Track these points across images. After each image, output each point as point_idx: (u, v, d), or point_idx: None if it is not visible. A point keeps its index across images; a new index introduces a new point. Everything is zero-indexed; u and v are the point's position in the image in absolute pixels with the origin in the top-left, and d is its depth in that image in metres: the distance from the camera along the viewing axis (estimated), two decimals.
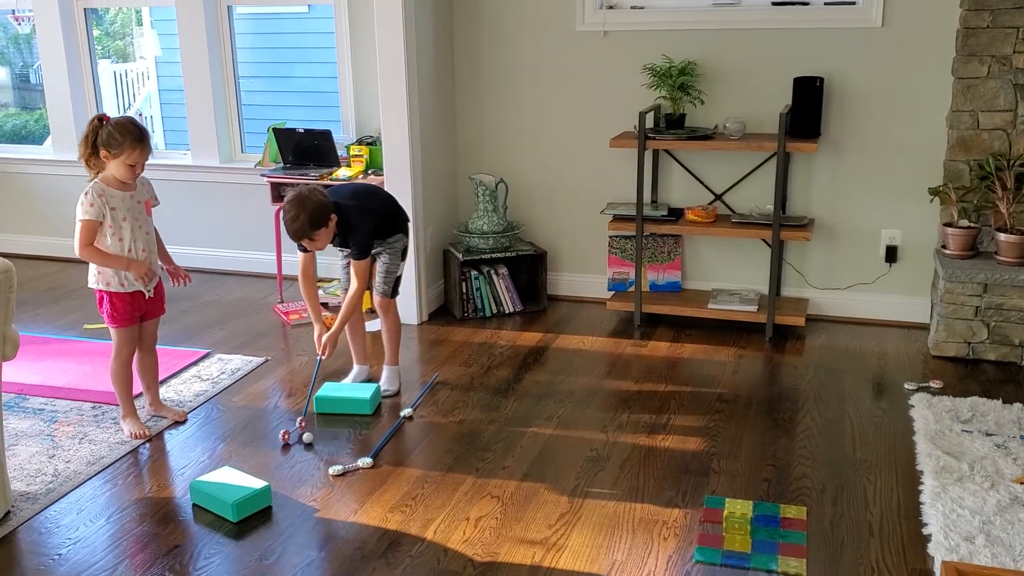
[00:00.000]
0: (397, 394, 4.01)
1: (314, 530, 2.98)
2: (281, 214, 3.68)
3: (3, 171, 6.23)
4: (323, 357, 3.85)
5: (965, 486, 3.08)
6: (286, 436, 3.60)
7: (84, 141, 3.45)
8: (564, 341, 4.60)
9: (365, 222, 3.76)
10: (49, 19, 5.82)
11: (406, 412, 3.79)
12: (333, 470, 3.34)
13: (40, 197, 6.18)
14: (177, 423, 3.77)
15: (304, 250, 3.78)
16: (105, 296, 3.56)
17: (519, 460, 3.41)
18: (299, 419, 3.69)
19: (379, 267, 3.96)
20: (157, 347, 3.77)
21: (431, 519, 3.02)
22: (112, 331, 3.61)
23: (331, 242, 3.76)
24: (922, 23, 4.37)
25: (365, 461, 3.40)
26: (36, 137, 7.47)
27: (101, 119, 3.44)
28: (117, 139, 3.40)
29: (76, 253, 3.50)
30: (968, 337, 4.20)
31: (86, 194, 3.47)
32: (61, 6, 5.79)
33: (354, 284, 3.80)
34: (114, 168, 3.46)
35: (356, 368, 4.17)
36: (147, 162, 3.51)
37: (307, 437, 3.58)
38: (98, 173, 3.50)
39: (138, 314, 3.62)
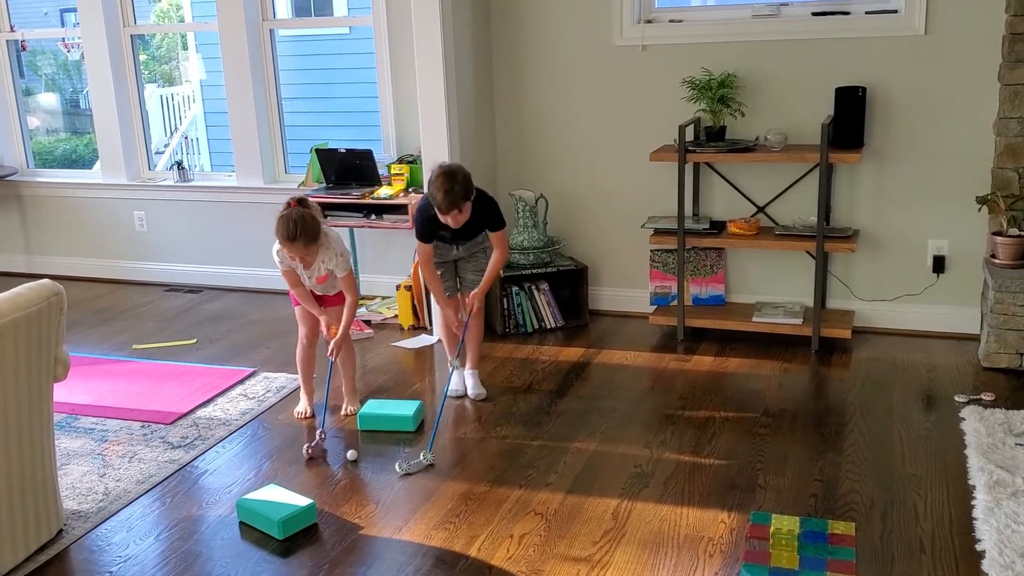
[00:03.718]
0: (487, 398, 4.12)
1: (359, 547, 2.99)
2: (428, 187, 3.80)
3: (54, 195, 6.36)
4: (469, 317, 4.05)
5: (1020, 501, 3.01)
6: (310, 451, 3.63)
7: None
8: (606, 356, 4.58)
9: (492, 199, 3.99)
10: (97, 46, 5.94)
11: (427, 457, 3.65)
12: (399, 468, 3.45)
13: (89, 220, 6.31)
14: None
15: (428, 241, 3.96)
16: None
17: (563, 476, 3.40)
18: (319, 431, 3.74)
19: (472, 268, 4.11)
20: (203, 366, 3.81)
21: (475, 536, 3.02)
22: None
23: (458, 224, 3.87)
24: (966, 30, 4.31)
25: (426, 456, 3.50)
26: (86, 161, 7.63)
27: (288, 204, 3.71)
28: (275, 230, 3.69)
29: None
30: (1020, 348, 4.11)
31: (276, 250, 3.84)
32: (109, 33, 5.91)
33: (498, 252, 3.99)
34: None
35: (455, 374, 4.18)
36: (307, 253, 3.72)
37: (351, 455, 3.60)
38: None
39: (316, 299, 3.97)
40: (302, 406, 4.05)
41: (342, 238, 3.96)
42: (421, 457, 3.53)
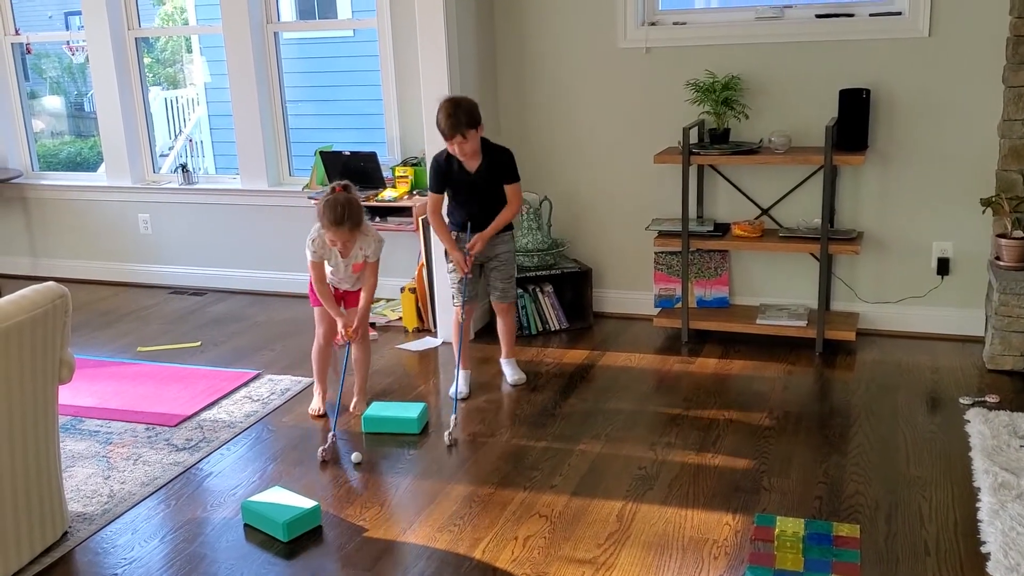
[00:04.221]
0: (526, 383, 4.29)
1: (363, 550, 3.00)
2: (437, 114, 3.90)
3: (59, 197, 6.38)
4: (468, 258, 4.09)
5: None
6: (325, 454, 3.63)
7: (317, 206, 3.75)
8: (611, 358, 4.58)
9: (508, 151, 4.11)
10: (102, 48, 5.96)
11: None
12: (448, 438, 3.72)
13: (94, 223, 6.32)
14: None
15: (439, 191, 4.08)
16: None
17: (567, 478, 3.40)
18: (331, 433, 3.75)
19: (498, 275, 4.19)
20: (208, 368, 3.82)
21: (479, 538, 3.02)
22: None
23: (476, 166, 4.01)
24: (970, 32, 4.31)
25: (452, 419, 3.86)
26: (90, 164, 7.65)
27: (333, 189, 3.69)
28: (321, 214, 3.66)
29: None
30: None
31: (311, 239, 3.80)
32: (113, 36, 5.93)
33: (512, 206, 4.08)
34: None
35: (463, 375, 4.21)
36: (351, 238, 3.73)
37: (355, 457, 3.61)
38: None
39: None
40: (315, 404, 4.06)
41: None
42: (452, 423, 3.80)
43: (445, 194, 4.13)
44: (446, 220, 4.16)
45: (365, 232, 3.80)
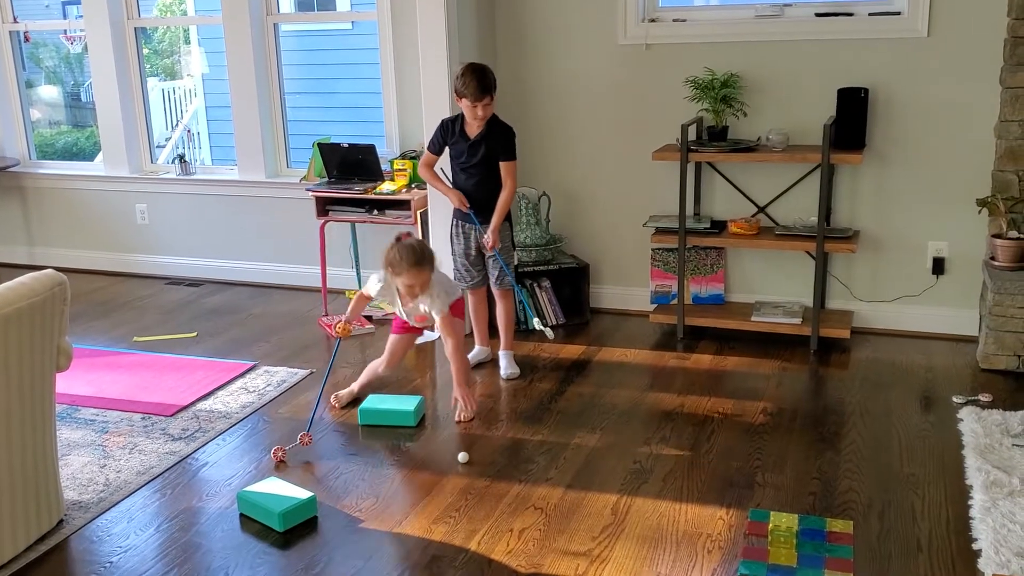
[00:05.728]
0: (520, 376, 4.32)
1: (359, 541, 3.01)
2: (461, 77, 4.05)
3: (56, 187, 6.37)
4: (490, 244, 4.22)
5: (1016, 501, 3.03)
6: (280, 453, 3.55)
7: (384, 256, 3.74)
8: (607, 354, 4.59)
9: (511, 128, 4.22)
10: (100, 38, 5.95)
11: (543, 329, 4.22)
12: (537, 324, 4.20)
13: (91, 212, 6.31)
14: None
15: (437, 151, 4.26)
16: None
17: (562, 472, 3.41)
18: (301, 433, 3.68)
19: (494, 264, 4.31)
20: (204, 359, 3.82)
21: (475, 530, 3.04)
22: None
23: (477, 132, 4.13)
24: (969, 32, 4.32)
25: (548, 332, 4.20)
26: (87, 154, 7.64)
27: (399, 238, 3.71)
28: (396, 260, 3.69)
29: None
30: (1018, 350, 4.13)
31: (381, 281, 3.84)
32: (112, 25, 5.92)
33: (507, 187, 4.19)
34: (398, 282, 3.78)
35: (477, 348, 4.47)
36: (427, 282, 3.75)
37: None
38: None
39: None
40: (346, 390, 4.09)
41: (448, 279, 4.09)
42: (539, 326, 4.10)
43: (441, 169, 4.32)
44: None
45: (431, 284, 3.78)
